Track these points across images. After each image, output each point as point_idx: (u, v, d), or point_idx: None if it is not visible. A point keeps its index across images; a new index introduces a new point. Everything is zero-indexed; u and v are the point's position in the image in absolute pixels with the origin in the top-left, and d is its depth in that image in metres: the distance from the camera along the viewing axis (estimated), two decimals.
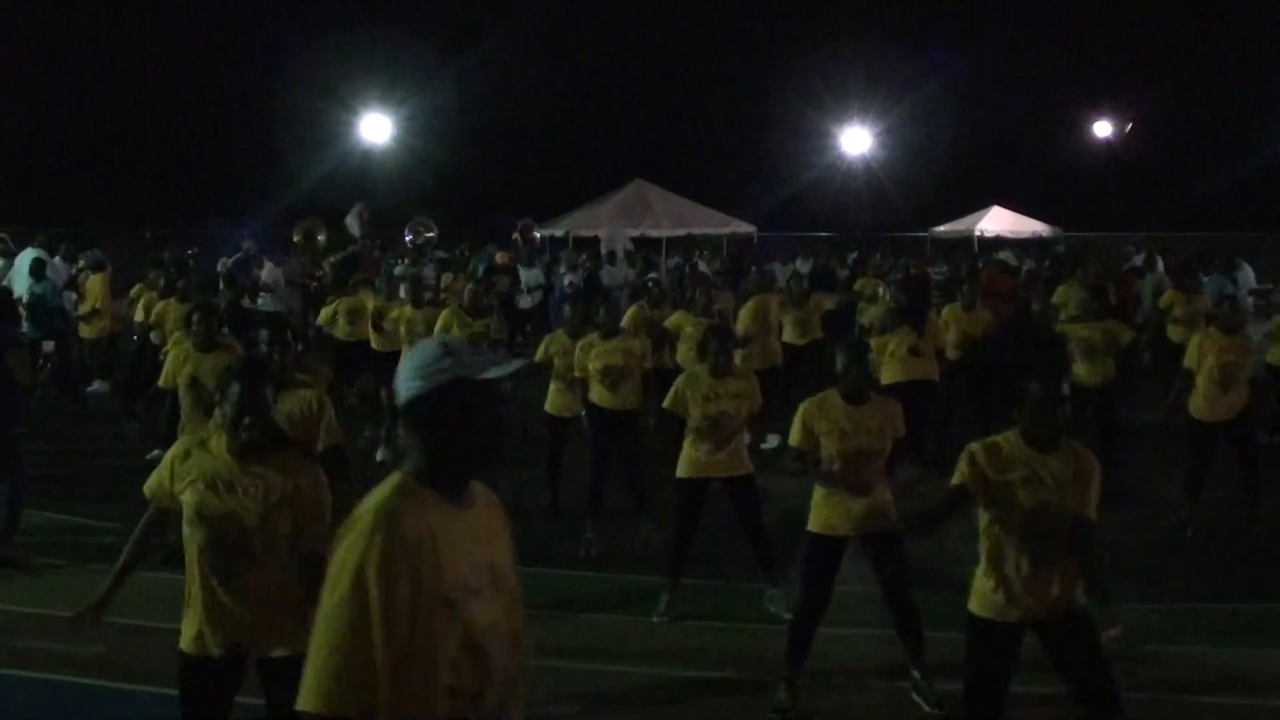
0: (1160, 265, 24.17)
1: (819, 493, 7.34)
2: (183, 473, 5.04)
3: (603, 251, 28.81)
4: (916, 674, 7.19)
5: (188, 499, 5.00)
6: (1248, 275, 23.03)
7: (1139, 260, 24.39)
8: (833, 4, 59.66)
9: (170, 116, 52.56)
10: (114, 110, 52.38)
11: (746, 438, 8.92)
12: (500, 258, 23.18)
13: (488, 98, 51.40)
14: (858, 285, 19.81)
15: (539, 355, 11.60)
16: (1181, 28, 56.22)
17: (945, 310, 14.84)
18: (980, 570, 5.75)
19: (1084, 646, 5.63)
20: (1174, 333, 15.64)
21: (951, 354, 14.13)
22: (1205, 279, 20.48)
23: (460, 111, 50.16)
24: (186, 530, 5.02)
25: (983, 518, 5.70)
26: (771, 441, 10.03)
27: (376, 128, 46.23)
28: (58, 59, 51.08)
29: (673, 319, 14.03)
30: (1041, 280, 23.81)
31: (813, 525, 7.34)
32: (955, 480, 5.67)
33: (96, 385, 18.39)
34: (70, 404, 16.95)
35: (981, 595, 5.73)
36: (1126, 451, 12.40)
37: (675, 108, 56.54)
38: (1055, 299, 16.81)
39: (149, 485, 5.20)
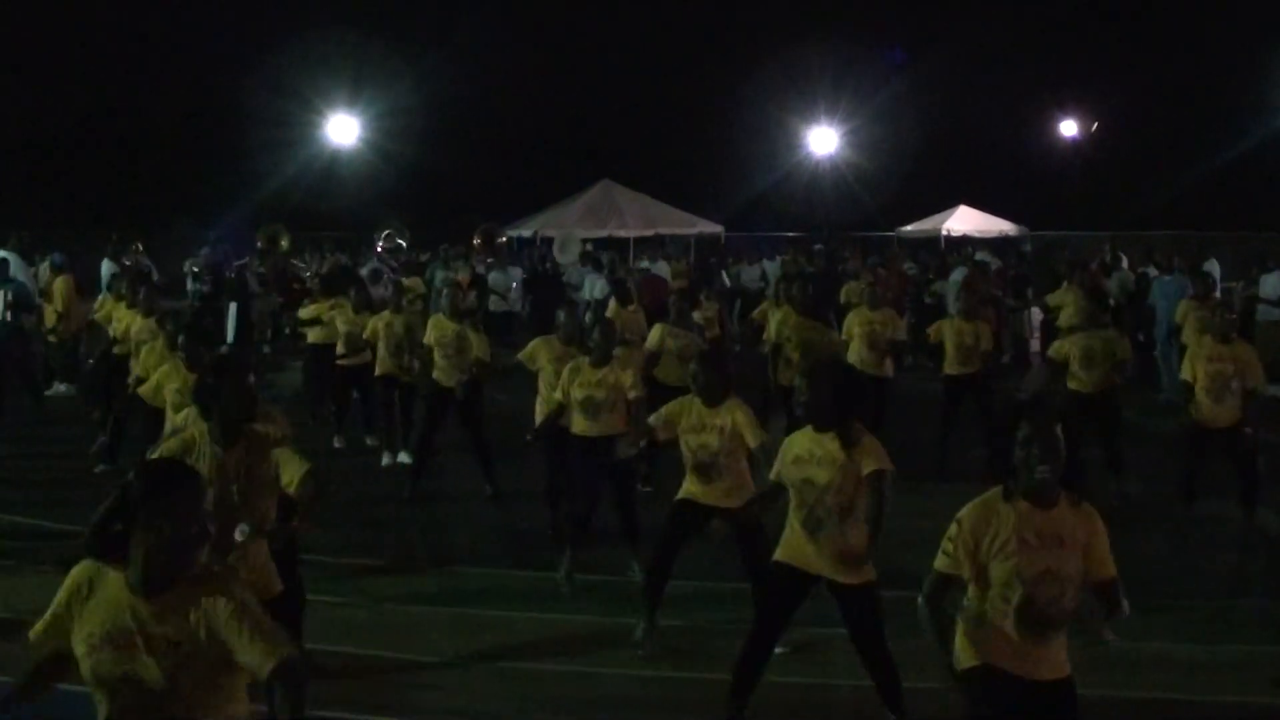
0: (1125, 263, 24.36)
1: (795, 525, 6.82)
2: (84, 617, 3.99)
3: (555, 254, 28.90)
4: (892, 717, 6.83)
5: (81, 655, 3.97)
6: (1214, 270, 23.22)
7: (1106, 258, 24.59)
8: (799, 4, 59.79)
9: (136, 118, 52.26)
10: (79, 112, 52.03)
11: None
12: (462, 277, 23.14)
13: (454, 99, 51.25)
14: (843, 293, 19.82)
15: (529, 359, 11.22)
16: (1146, 28, 56.54)
17: (944, 322, 14.72)
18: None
19: None
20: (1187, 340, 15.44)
21: (951, 368, 14.10)
22: (1167, 278, 20.66)
23: (427, 113, 50.01)
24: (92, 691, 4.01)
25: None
26: None
27: (343, 129, 46.11)
28: (22, 60, 50.73)
29: (652, 338, 13.38)
30: (1009, 279, 24.04)
31: (781, 555, 6.88)
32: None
33: (64, 388, 18.32)
34: (32, 404, 16.87)
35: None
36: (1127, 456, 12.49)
37: (642, 108, 56.51)
38: (1052, 301, 16.81)
39: (35, 629, 4.10)
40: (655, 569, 8.29)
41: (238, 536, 5.92)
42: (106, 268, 20.53)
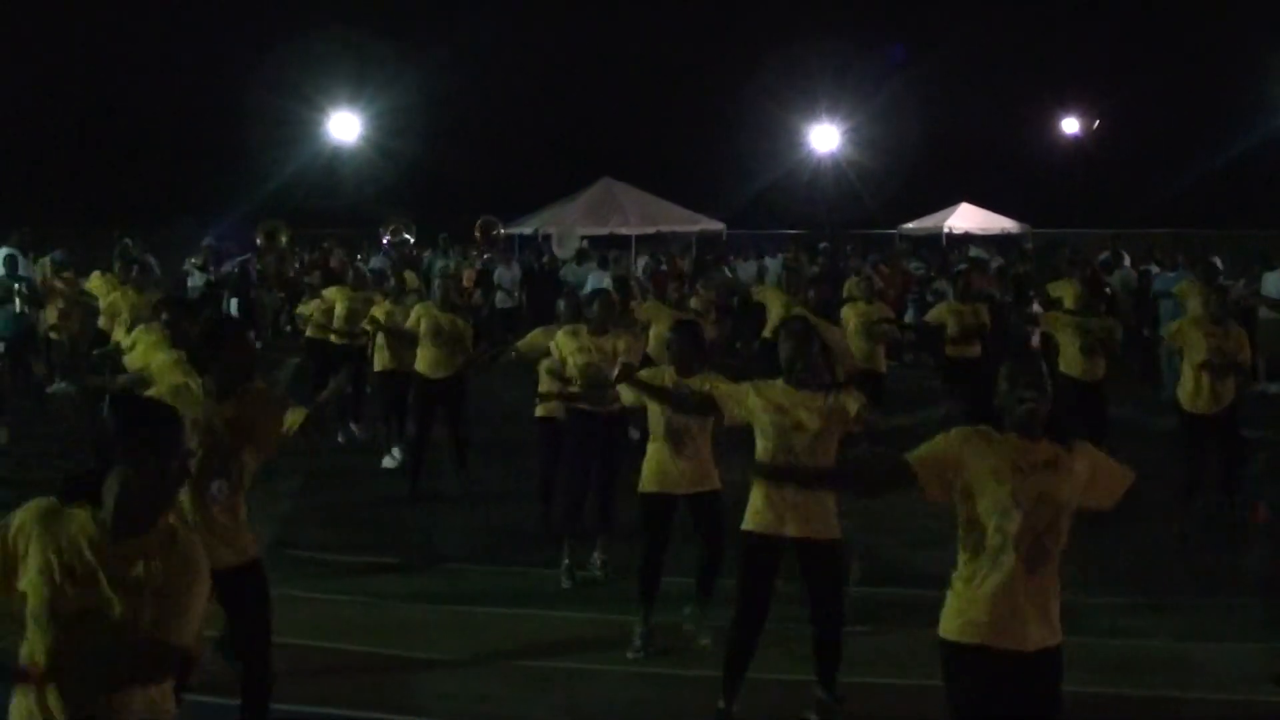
0: (1127, 261, 24.32)
1: (760, 490, 6.88)
2: (37, 549, 3.84)
3: (555, 250, 28.88)
4: (822, 694, 6.89)
5: (33, 588, 3.82)
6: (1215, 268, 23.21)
7: (1105, 255, 24.55)
8: (801, 2, 59.80)
9: (138, 116, 52.25)
10: (81, 109, 52.07)
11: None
12: (467, 278, 23.19)
13: (456, 96, 51.25)
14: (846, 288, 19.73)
15: (529, 346, 11.00)
16: (1148, 26, 56.50)
17: (942, 305, 14.69)
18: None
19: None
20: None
21: (954, 350, 14.09)
22: (1171, 274, 20.65)
23: (428, 110, 50.01)
24: (28, 634, 3.88)
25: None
26: None
27: (345, 126, 46.07)
28: (25, 56, 50.73)
29: (646, 307, 13.64)
30: (1011, 277, 24.00)
31: (750, 525, 6.89)
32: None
33: (64, 385, 18.29)
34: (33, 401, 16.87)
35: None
36: (1118, 449, 12.45)
37: (644, 106, 56.50)
38: (1053, 293, 16.81)
39: None
40: (647, 571, 8.25)
41: (214, 491, 5.94)
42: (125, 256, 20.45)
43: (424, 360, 12.58)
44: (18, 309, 16.75)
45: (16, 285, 16.74)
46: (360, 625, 8.81)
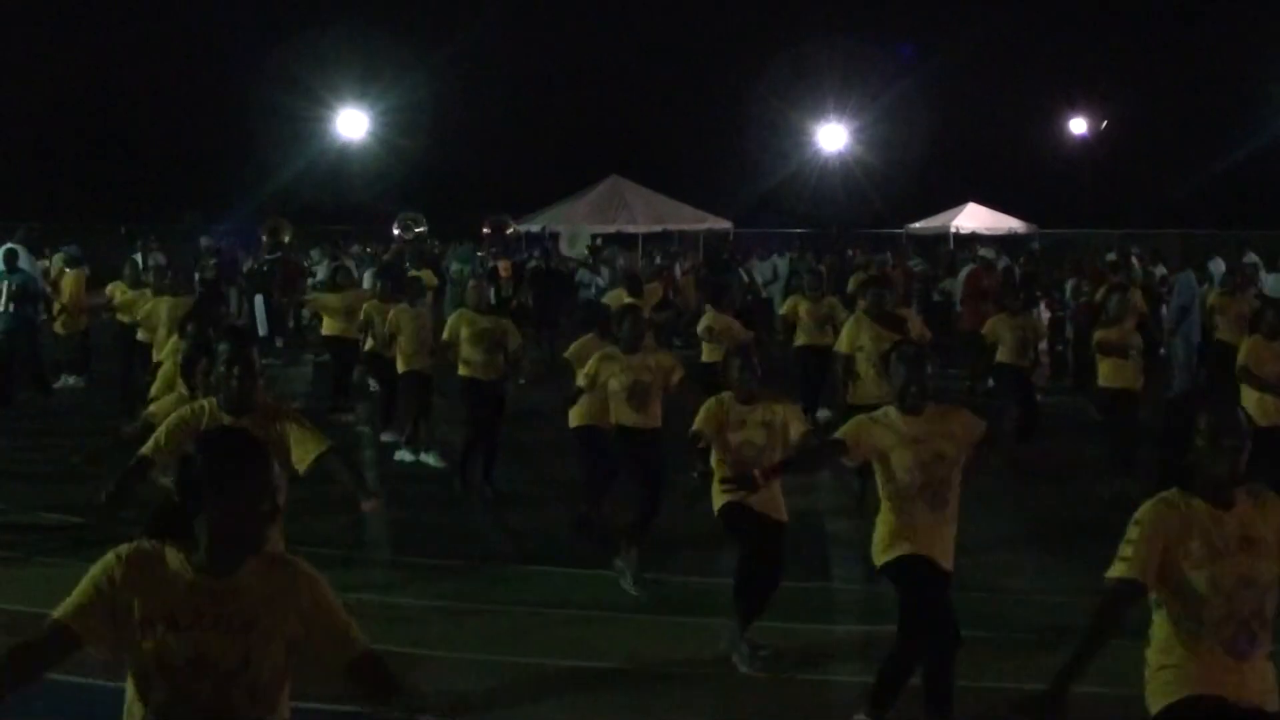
0: (1135, 262, 24.30)
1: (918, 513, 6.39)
2: (138, 600, 3.62)
3: (562, 249, 28.93)
4: None
5: (145, 647, 3.61)
6: (1219, 268, 23.18)
7: (1111, 257, 24.52)
8: (810, 1, 59.79)
9: (146, 112, 52.35)
10: (90, 105, 52.13)
11: None
12: (503, 269, 23.21)
13: (464, 93, 51.31)
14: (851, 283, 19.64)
15: (578, 358, 10.75)
16: (1157, 25, 56.51)
17: (995, 319, 14.23)
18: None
19: None
20: (1224, 334, 15.18)
21: (1006, 358, 13.70)
22: (1181, 276, 20.61)
23: (436, 107, 50.03)
24: (132, 690, 3.67)
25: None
26: None
27: (352, 123, 46.08)
28: (33, 54, 50.82)
29: (705, 321, 13.83)
30: (1018, 277, 24.01)
31: (909, 549, 6.38)
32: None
33: (72, 381, 18.30)
34: (40, 397, 16.84)
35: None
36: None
37: (652, 104, 56.56)
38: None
39: (65, 611, 3.60)
40: (745, 586, 7.78)
41: None
42: (153, 260, 20.31)
43: (472, 365, 12.42)
44: (1, 306, 16.60)
45: (6, 282, 16.61)
46: (381, 623, 8.76)
